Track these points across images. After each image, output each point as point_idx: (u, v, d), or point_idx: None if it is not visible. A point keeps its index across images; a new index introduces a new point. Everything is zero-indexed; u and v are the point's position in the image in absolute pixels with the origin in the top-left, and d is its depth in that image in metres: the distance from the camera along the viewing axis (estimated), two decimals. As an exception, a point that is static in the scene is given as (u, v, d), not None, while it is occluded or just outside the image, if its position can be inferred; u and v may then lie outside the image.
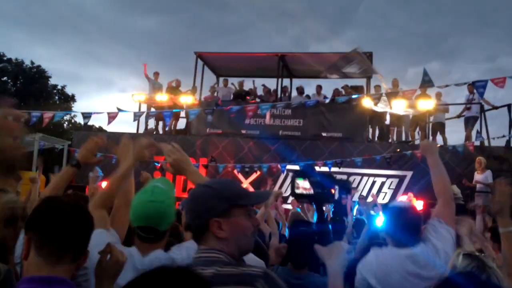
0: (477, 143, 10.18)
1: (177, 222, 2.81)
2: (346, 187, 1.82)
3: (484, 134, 10.43)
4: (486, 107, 10.64)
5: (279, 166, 10.67)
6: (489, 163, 9.40)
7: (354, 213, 7.75)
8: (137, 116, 9.45)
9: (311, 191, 1.72)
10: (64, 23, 74.97)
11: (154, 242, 2.01)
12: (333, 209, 5.34)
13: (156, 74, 13.45)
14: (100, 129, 24.10)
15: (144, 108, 12.98)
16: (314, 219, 5.30)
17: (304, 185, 1.74)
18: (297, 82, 14.17)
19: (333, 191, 1.72)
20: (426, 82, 9.42)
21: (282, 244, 3.35)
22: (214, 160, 11.20)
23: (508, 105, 10.40)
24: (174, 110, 11.37)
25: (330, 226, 1.78)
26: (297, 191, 1.76)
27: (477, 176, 9.08)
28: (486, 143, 10.36)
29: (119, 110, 8.81)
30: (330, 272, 1.59)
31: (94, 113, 8.71)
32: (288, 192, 11.44)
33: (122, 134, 12.30)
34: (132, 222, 2.03)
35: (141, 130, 13.10)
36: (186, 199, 1.56)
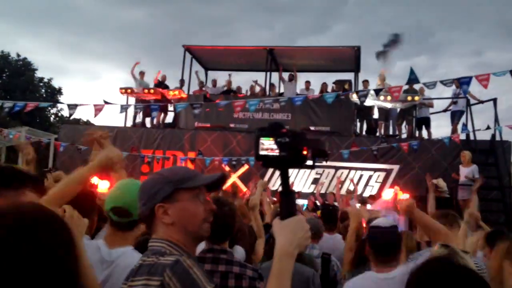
0: (463, 137, 10.29)
1: None
2: (321, 150, 1.43)
3: (470, 128, 10.56)
4: (472, 101, 10.75)
5: None
6: (475, 157, 9.52)
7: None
8: (123, 109, 9.36)
9: (278, 153, 1.33)
10: (50, 15, 74.03)
11: (125, 230, 1.99)
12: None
13: (142, 74, 13.17)
14: (88, 123, 23.89)
15: (131, 101, 12.89)
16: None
17: (270, 146, 1.35)
18: (286, 75, 14.17)
19: (305, 152, 1.34)
20: (412, 81, 9.54)
21: None
22: (200, 153, 11.18)
23: (494, 100, 10.51)
24: (160, 104, 11.30)
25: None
26: (262, 152, 1.36)
27: (463, 170, 9.18)
28: (472, 137, 10.48)
29: (106, 102, 8.71)
30: (276, 252, 1.27)
31: (80, 104, 8.61)
32: (277, 186, 11.49)
33: (109, 127, 12.24)
34: (106, 205, 2.01)
35: (129, 124, 13.04)
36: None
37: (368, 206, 7.01)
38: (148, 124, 13.16)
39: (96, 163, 2.05)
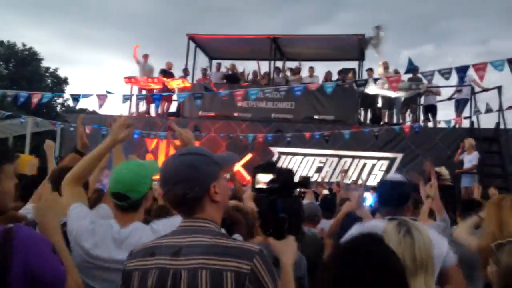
0: (467, 125, 10.27)
1: None
2: (306, 183, 1.91)
3: (474, 117, 10.54)
4: (476, 89, 10.69)
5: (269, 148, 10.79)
6: (479, 145, 9.51)
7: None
8: (126, 99, 9.43)
9: (271, 185, 1.78)
10: (55, 5, 73.91)
11: (129, 211, 2.06)
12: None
13: (146, 56, 13.22)
14: (94, 112, 24.00)
15: (135, 90, 12.95)
16: None
17: (264, 180, 1.80)
18: (289, 64, 14.13)
19: (294, 181, 1.83)
20: (411, 71, 9.51)
21: None
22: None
23: (499, 87, 10.45)
24: (163, 94, 11.35)
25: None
26: (257, 185, 1.82)
27: (466, 157, 9.19)
28: (476, 125, 10.45)
29: (108, 92, 8.80)
30: (284, 268, 1.63)
31: (83, 95, 8.70)
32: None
33: (113, 117, 12.24)
34: (109, 189, 2.10)
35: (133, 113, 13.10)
36: (169, 170, 1.49)
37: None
38: (152, 113, 13.23)
39: (111, 138, 2.21)
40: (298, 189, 1.78)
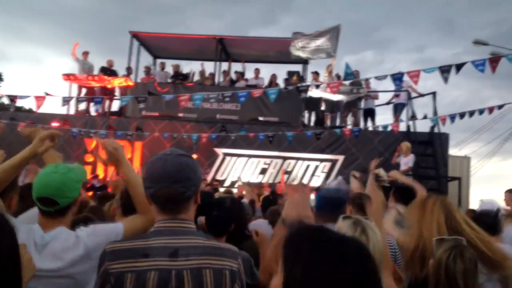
0: (403, 128, 10.74)
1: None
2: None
3: (410, 121, 11.03)
4: (413, 94, 11.20)
5: (210, 137, 10.75)
6: (415, 148, 9.96)
7: None
8: (65, 102, 9.03)
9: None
10: (-11, -4, 69.41)
11: (56, 217, 1.94)
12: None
13: (85, 53, 12.72)
14: (30, 111, 22.77)
15: (75, 88, 12.44)
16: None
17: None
18: (235, 66, 14.12)
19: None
20: (349, 76, 9.81)
21: None
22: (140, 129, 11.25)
23: (433, 93, 11.02)
24: (104, 97, 11.01)
25: None
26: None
27: (402, 160, 9.58)
28: (411, 129, 10.95)
29: (46, 94, 8.40)
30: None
31: (19, 96, 8.27)
32: (225, 176, 11.52)
33: (52, 115, 11.73)
34: (33, 193, 1.96)
35: (72, 112, 12.55)
36: (169, 168, 1.50)
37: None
38: (93, 112, 12.74)
39: (30, 150, 2.04)
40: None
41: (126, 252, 1.43)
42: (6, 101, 10.06)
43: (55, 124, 10.99)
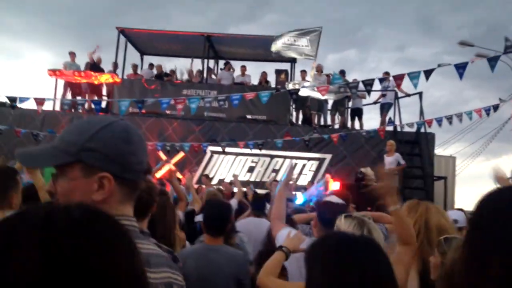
0: (391, 128, 10.82)
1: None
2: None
3: (397, 120, 11.13)
4: (400, 94, 11.30)
5: (201, 145, 10.62)
6: (401, 148, 10.05)
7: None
8: (66, 105, 8.99)
9: None
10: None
11: None
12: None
13: (72, 54, 12.47)
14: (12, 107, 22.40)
15: (60, 83, 12.25)
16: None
17: None
18: (222, 63, 14.07)
19: None
20: (336, 81, 9.87)
21: None
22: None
23: (420, 93, 11.12)
24: (93, 100, 10.94)
25: None
26: None
27: (387, 159, 9.66)
28: (399, 129, 11.05)
29: (45, 99, 8.53)
30: None
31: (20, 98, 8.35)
32: (213, 173, 11.47)
33: (36, 112, 11.52)
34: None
35: (58, 107, 12.37)
36: None
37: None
38: (79, 109, 12.55)
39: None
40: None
41: (157, 258, 1.16)
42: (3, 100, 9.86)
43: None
